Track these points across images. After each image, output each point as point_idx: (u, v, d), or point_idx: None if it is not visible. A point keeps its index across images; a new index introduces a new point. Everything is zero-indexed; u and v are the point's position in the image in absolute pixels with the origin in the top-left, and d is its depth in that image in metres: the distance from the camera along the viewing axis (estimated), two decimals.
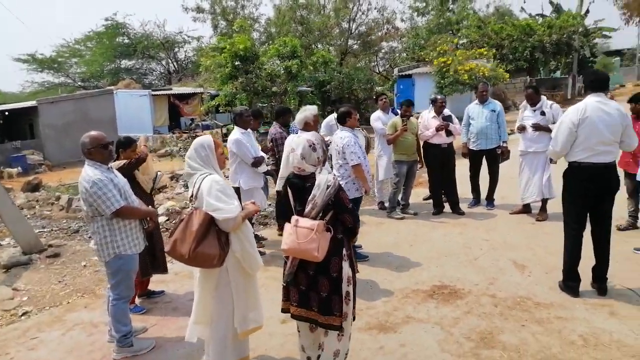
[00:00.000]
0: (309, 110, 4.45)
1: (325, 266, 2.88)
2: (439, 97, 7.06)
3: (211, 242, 2.95)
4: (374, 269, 5.08)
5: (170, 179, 12.51)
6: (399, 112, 7.36)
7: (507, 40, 25.06)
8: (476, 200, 7.27)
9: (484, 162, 7.07)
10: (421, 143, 7.02)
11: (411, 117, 6.84)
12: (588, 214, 4.13)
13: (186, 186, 11.62)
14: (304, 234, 2.80)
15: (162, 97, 24.77)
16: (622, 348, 3.37)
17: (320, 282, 2.90)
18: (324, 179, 2.88)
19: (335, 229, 2.90)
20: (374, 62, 25.26)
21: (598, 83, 3.98)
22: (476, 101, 7.14)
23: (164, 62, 35.90)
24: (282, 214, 6.07)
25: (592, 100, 3.91)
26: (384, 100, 7.45)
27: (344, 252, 2.94)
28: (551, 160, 6.28)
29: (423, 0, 26.88)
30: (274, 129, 6.09)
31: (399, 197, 7.05)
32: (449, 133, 6.55)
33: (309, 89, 19.35)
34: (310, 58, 18.24)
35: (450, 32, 26.42)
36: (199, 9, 27.89)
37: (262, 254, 5.80)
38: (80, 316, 4.43)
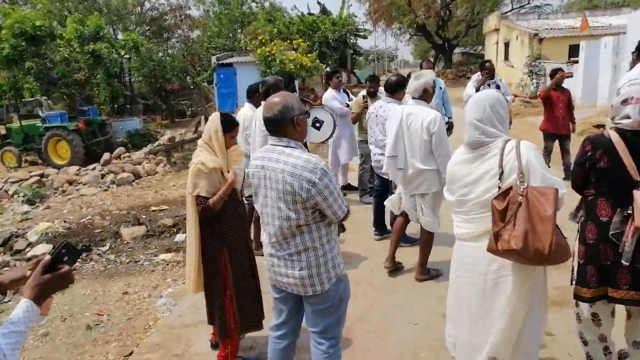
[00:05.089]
0: (428, 76, 3.76)
1: None
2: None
3: (557, 228, 2.23)
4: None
5: None
6: (348, 92, 7.10)
7: (298, 34, 26.38)
8: None
9: None
10: None
11: (378, 94, 6.55)
12: None
13: (30, 202, 8.56)
14: None
15: None
16: None
17: None
18: None
19: None
20: (164, 48, 23.11)
21: None
22: None
23: None
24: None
25: None
26: (339, 77, 6.93)
27: None
28: None
29: None
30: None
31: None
32: None
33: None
34: (118, 41, 15.60)
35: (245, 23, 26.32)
36: None
37: None
38: None
